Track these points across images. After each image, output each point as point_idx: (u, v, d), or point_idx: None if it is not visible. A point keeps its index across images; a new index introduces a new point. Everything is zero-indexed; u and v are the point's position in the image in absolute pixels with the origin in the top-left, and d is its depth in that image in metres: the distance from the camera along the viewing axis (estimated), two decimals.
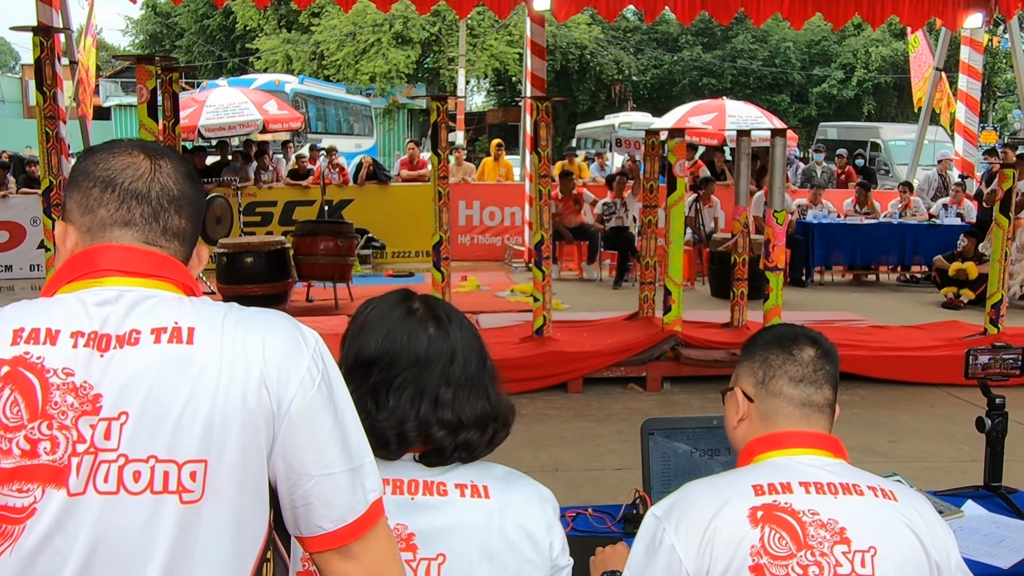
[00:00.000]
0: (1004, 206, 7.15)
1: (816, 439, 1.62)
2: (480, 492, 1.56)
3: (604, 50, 38.96)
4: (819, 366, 1.66)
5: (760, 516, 1.49)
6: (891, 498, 1.55)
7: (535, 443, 5.36)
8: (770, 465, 1.59)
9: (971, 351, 2.46)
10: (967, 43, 12.40)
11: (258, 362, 1.25)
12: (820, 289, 11.49)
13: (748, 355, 1.72)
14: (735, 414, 1.70)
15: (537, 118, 6.62)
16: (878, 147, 23.38)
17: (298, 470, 1.27)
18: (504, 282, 10.85)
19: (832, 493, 1.53)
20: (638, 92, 41.42)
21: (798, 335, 1.71)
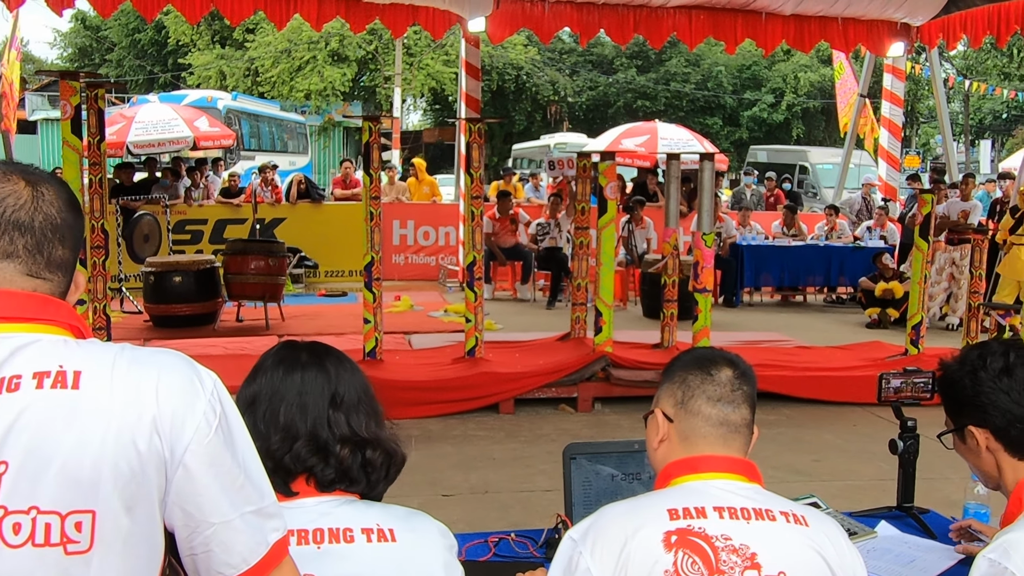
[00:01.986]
0: (924, 230, 7.36)
1: (732, 464, 1.64)
2: (386, 535, 1.57)
3: (540, 71, 39.28)
4: (737, 386, 1.68)
5: (674, 541, 1.51)
6: (802, 523, 1.57)
7: (466, 465, 5.35)
8: (686, 489, 1.61)
9: (884, 375, 2.52)
10: (890, 71, 12.77)
11: (151, 407, 1.21)
12: (750, 310, 11.69)
13: (668, 377, 1.74)
14: (655, 435, 1.71)
15: (470, 139, 6.65)
16: (806, 170, 23.91)
17: (197, 518, 1.24)
18: (438, 302, 10.83)
19: (745, 518, 1.55)
20: (574, 113, 41.84)
21: (716, 357, 1.73)
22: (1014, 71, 42.60)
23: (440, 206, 13.83)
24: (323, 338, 8.08)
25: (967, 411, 1.86)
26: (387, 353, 6.87)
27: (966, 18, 11.15)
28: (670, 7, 11.29)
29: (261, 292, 9.09)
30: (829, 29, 11.81)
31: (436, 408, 6.25)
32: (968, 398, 1.85)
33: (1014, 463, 1.81)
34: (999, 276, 9.68)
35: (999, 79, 40.81)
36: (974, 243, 8.07)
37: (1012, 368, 1.81)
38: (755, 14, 11.52)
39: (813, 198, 21.55)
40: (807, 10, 11.38)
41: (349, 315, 8.94)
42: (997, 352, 1.84)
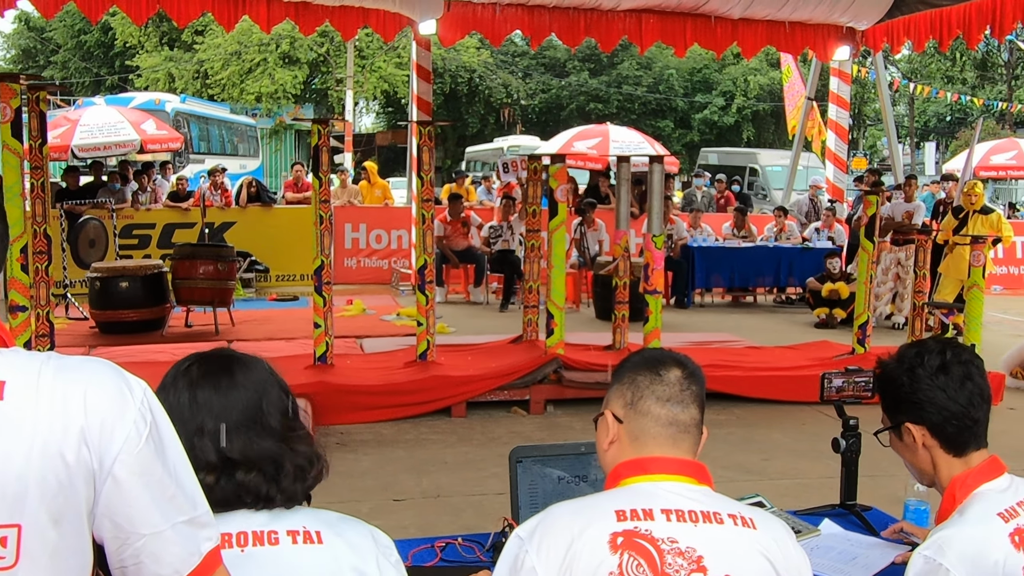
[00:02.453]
0: (869, 231, 7.49)
1: (682, 465, 1.64)
2: (312, 538, 1.54)
3: (493, 74, 39.32)
4: (685, 386, 1.69)
5: (620, 542, 1.51)
6: (750, 526, 1.58)
7: (418, 469, 5.33)
8: (634, 490, 1.61)
9: (826, 375, 2.55)
10: (836, 74, 12.97)
11: (78, 418, 1.18)
12: (701, 311, 11.80)
13: (618, 379, 1.74)
14: (606, 437, 1.71)
15: (420, 142, 6.62)
16: (756, 172, 24.20)
17: (127, 529, 1.21)
18: (390, 305, 10.78)
19: (692, 521, 1.55)
20: (527, 116, 41.93)
21: (665, 357, 1.74)
22: (957, 75, 43.50)
23: (392, 209, 13.78)
24: (273, 343, 8.09)
25: (904, 408, 1.89)
26: (338, 357, 6.83)
27: (909, 23, 11.36)
28: (620, 10, 11.36)
29: (210, 297, 8.98)
30: (776, 33, 11.97)
31: (388, 412, 6.22)
32: (905, 395, 1.88)
33: (949, 460, 1.85)
34: (941, 275, 9.87)
35: (943, 83, 41.67)
36: (918, 243, 8.22)
37: (948, 366, 1.84)
38: (704, 18, 11.63)
39: (763, 200, 21.81)
40: (755, 14, 11.51)
41: (300, 319, 8.86)
42: (934, 350, 1.87)
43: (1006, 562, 1.71)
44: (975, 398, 1.83)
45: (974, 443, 1.85)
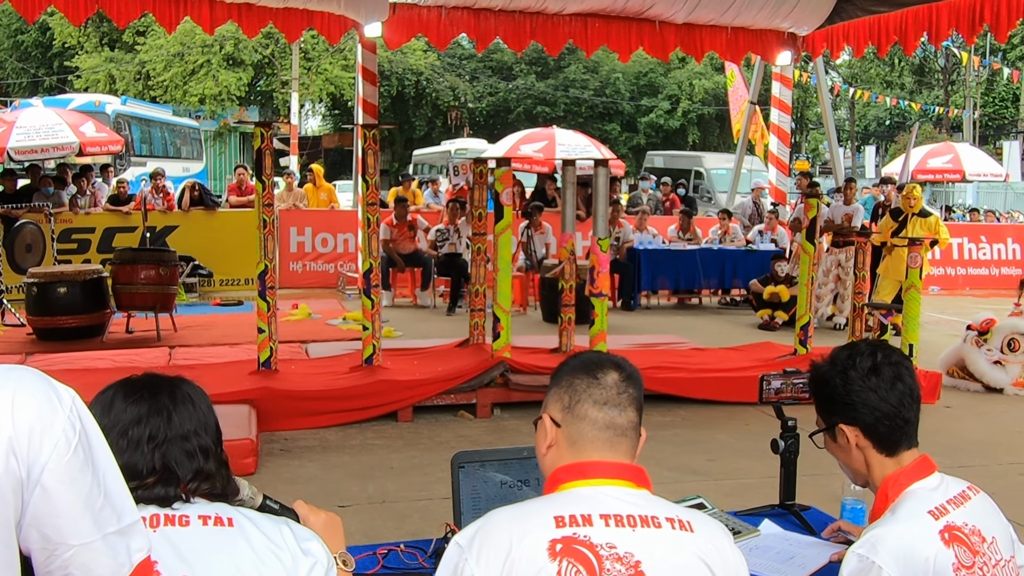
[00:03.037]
0: (809, 233, 7.60)
1: (620, 469, 1.65)
2: (223, 521, 1.61)
3: (440, 77, 39.26)
4: (623, 389, 1.69)
5: (559, 549, 1.51)
6: (688, 529, 1.59)
7: (363, 475, 5.29)
8: (573, 495, 1.61)
9: (764, 377, 2.59)
10: (778, 79, 13.16)
11: (6, 427, 1.16)
12: (647, 313, 11.89)
13: (555, 382, 1.74)
14: (544, 441, 1.70)
15: (365, 145, 6.58)
16: (701, 175, 24.47)
17: (55, 539, 1.19)
18: (336, 310, 10.70)
19: (631, 526, 1.55)
20: (474, 118, 41.93)
21: (602, 360, 1.74)
22: (896, 80, 44.43)
23: (338, 212, 13.68)
24: (217, 348, 7.98)
25: (838, 409, 1.92)
26: (283, 363, 6.76)
27: (849, 29, 11.57)
28: (565, 14, 11.41)
29: (152, 302, 8.83)
30: (719, 38, 12.12)
31: (333, 418, 6.17)
32: (839, 397, 1.91)
33: (882, 459, 1.88)
34: (880, 276, 10.06)
35: (882, 87, 42.54)
36: (857, 246, 8.36)
37: (879, 367, 1.88)
38: (649, 22, 11.73)
39: (708, 202, 22.06)
40: (698, 19, 11.64)
41: (244, 324, 8.74)
42: (865, 352, 1.91)
43: (936, 559, 1.74)
44: (906, 398, 1.87)
45: (905, 442, 1.88)
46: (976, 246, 15.53)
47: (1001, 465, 5.80)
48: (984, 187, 29.73)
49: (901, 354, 1.93)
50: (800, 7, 11.35)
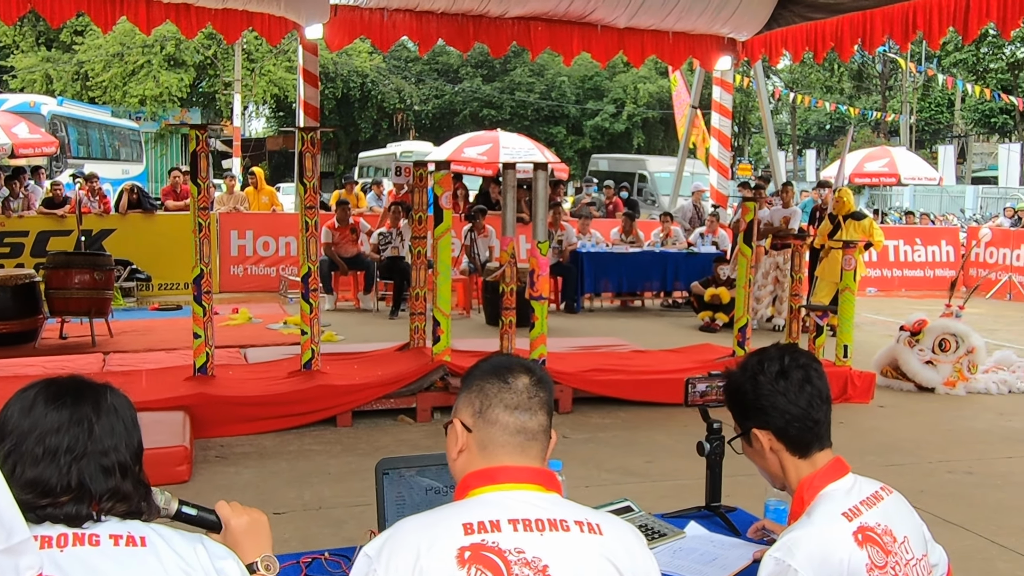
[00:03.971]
0: (747, 236, 7.70)
1: (530, 474, 1.65)
2: (136, 541, 1.58)
3: (386, 79, 39.09)
4: (533, 393, 1.69)
5: (467, 557, 1.51)
6: (596, 532, 1.60)
7: (300, 481, 5.23)
8: (483, 501, 1.61)
9: (689, 380, 2.61)
10: (718, 84, 13.33)
11: None
12: (590, 315, 11.94)
13: (466, 386, 1.73)
14: (455, 446, 1.70)
15: (303, 148, 6.52)
16: (645, 178, 24.67)
17: None
18: (278, 314, 10.58)
19: (539, 530, 1.56)
20: (420, 121, 41.81)
21: (513, 364, 1.74)
22: (835, 85, 45.23)
23: (280, 216, 13.55)
24: (153, 354, 7.85)
25: (750, 415, 1.95)
26: (220, 368, 6.66)
27: (787, 35, 11.77)
28: (508, 18, 11.45)
29: (86, 307, 8.66)
30: (661, 43, 12.25)
31: (271, 424, 6.09)
32: (750, 402, 1.94)
33: (796, 462, 1.91)
34: (817, 278, 10.22)
35: (822, 92, 43.27)
36: (794, 248, 8.50)
37: (787, 371, 1.91)
38: (591, 26, 11.82)
39: (652, 205, 22.25)
40: (640, 24, 11.76)
41: (182, 329, 8.58)
42: (774, 357, 1.93)
43: (850, 560, 1.77)
44: (815, 400, 1.90)
45: (817, 444, 1.91)
46: (911, 248, 15.87)
47: (931, 463, 5.92)
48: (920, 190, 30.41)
49: (809, 357, 1.96)
50: (739, 13, 11.51)
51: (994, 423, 7.04)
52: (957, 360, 8.01)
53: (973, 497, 5.25)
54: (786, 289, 10.15)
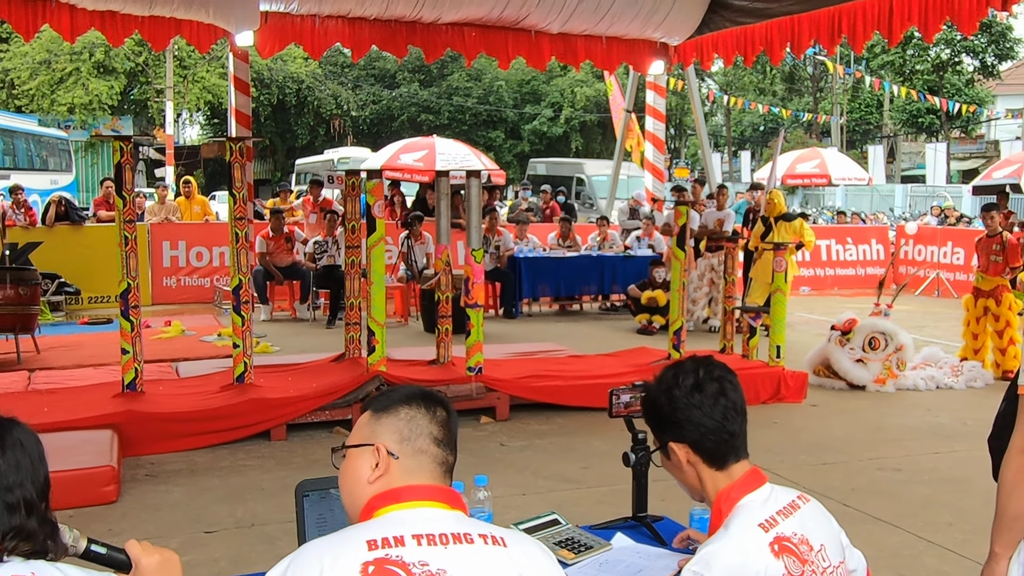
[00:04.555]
0: (680, 240, 7.77)
1: (434, 492, 1.66)
2: None
3: (322, 84, 38.75)
4: (452, 429, 1.74)
5: (371, 571, 1.50)
6: (501, 544, 1.61)
7: (233, 497, 5.14)
8: (387, 519, 1.61)
9: (613, 391, 2.61)
10: (652, 88, 13.45)
11: None
12: (528, 320, 11.96)
13: (388, 409, 1.73)
14: (374, 471, 1.68)
15: (232, 159, 6.42)
16: (583, 182, 24.78)
17: None
18: (212, 325, 10.40)
19: (443, 543, 1.56)
20: (358, 127, 41.56)
21: (434, 397, 1.76)
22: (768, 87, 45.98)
23: (213, 225, 13.32)
24: (81, 371, 7.66)
25: (667, 428, 1.95)
26: (150, 384, 6.53)
27: (717, 39, 11.90)
28: (442, 24, 11.41)
29: (11, 323, 8.42)
30: (594, 47, 12.31)
31: (203, 439, 5.99)
32: (665, 416, 1.94)
33: (713, 474, 1.92)
34: (752, 279, 10.37)
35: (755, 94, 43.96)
36: (727, 251, 8.60)
37: (702, 384, 1.92)
38: (525, 32, 11.84)
39: (590, 209, 22.34)
40: (573, 29, 11.80)
41: (113, 344, 8.32)
42: (689, 370, 1.94)
43: (767, 571, 1.78)
44: (730, 412, 1.91)
45: (733, 455, 1.92)
46: (843, 247, 16.19)
47: (861, 461, 6.03)
48: (851, 190, 31.01)
49: (724, 369, 1.97)
50: (670, 18, 11.62)
51: (922, 419, 7.20)
52: (886, 358, 8.17)
53: (901, 494, 5.36)
54: (721, 291, 10.27)
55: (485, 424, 6.71)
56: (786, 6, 10.48)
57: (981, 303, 8.90)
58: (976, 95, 40.33)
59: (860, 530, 4.76)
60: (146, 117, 36.00)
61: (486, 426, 6.68)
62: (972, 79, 40.99)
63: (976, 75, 40.91)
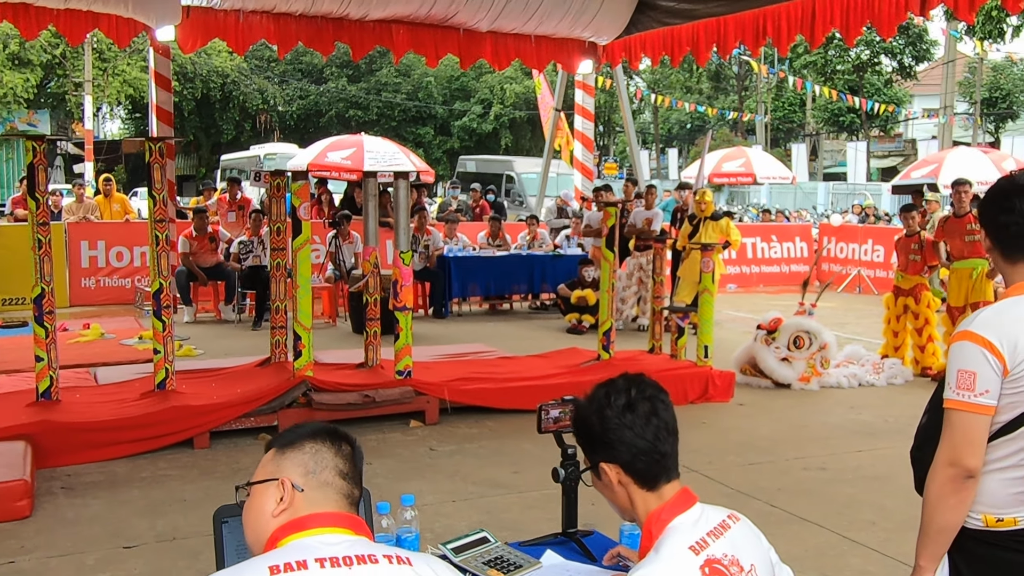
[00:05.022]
0: (609, 241, 7.79)
1: (339, 518, 1.67)
2: None
3: (248, 79, 38.09)
4: (357, 462, 1.76)
5: None
6: (406, 563, 1.63)
7: (153, 510, 4.99)
8: (291, 546, 1.61)
9: (542, 407, 2.57)
10: (580, 87, 13.48)
11: None
12: (459, 320, 11.90)
13: (293, 445, 1.74)
14: (278, 504, 1.68)
15: (151, 160, 6.23)
16: (512, 179, 24.80)
17: None
18: (132, 328, 10.12)
19: (347, 565, 1.57)
20: (284, 122, 40.97)
21: (339, 432, 1.78)
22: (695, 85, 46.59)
23: (134, 225, 12.96)
24: None
25: (598, 448, 1.92)
26: (66, 391, 6.31)
27: (645, 39, 11.98)
28: (369, 20, 11.27)
29: None
30: (524, 46, 12.29)
31: (123, 449, 5.80)
32: (597, 436, 1.91)
33: (644, 495, 1.89)
34: (680, 278, 10.46)
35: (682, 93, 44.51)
36: (655, 251, 8.65)
37: (634, 404, 1.89)
38: (454, 30, 11.76)
39: (520, 206, 22.37)
40: (502, 27, 11.76)
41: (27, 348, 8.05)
42: (621, 389, 1.92)
43: None
44: (661, 432, 1.89)
45: (664, 476, 1.90)
46: (768, 245, 16.45)
47: (787, 460, 6.11)
48: (776, 188, 31.58)
49: (656, 387, 1.95)
50: (599, 18, 11.66)
51: (845, 417, 7.34)
52: (811, 356, 8.31)
53: (826, 493, 5.44)
54: (650, 290, 10.34)
55: (415, 428, 6.64)
56: (711, 8, 10.59)
57: (901, 301, 9.11)
58: (894, 95, 41.42)
59: (787, 531, 4.82)
60: (64, 111, 34.98)
61: (416, 430, 6.61)
62: (890, 80, 42.07)
63: (894, 76, 41.99)
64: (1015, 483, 2.20)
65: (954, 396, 2.17)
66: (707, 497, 1.97)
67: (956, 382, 2.16)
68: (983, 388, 2.13)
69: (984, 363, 2.13)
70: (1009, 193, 2.27)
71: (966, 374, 2.15)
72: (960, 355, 2.17)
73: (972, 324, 2.19)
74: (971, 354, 2.14)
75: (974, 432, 2.15)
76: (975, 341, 2.14)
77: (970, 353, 2.15)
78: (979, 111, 36.33)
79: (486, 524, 4.90)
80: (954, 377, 2.17)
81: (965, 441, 2.16)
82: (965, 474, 2.16)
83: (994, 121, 41.45)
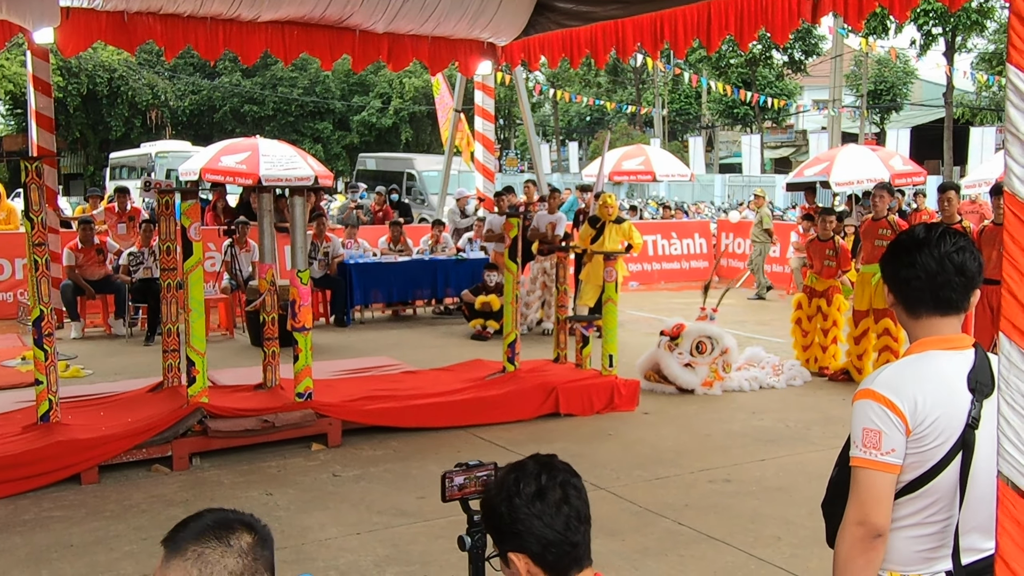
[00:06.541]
0: (512, 252, 7.71)
1: None
2: None
3: (136, 73, 36.83)
4: (258, 555, 1.57)
5: None
6: None
7: (36, 558, 4.70)
8: None
9: (446, 475, 2.46)
10: (480, 88, 13.36)
11: None
12: (361, 328, 11.68)
13: (177, 551, 1.56)
14: None
15: (28, 180, 5.88)
16: (414, 177, 24.55)
17: None
18: (15, 347, 9.63)
19: None
20: (176, 118, 39.78)
21: (232, 521, 1.60)
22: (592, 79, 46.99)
23: (16, 235, 12.29)
24: None
25: (506, 538, 1.83)
26: None
27: (544, 40, 11.93)
28: (261, 22, 10.92)
29: None
30: (421, 47, 12.10)
31: (3, 489, 5.46)
32: (506, 526, 1.82)
33: None
34: (582, 282, 10.47)
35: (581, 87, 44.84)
36: (558, 260, 8.61)
37: (545, 491, 1.80)
38: (349, 31, 11.50)
39: (422, 205, 22.18)
40: (399, 28, 11.55)
41: None
42: (531, 474, 1.83)
43: None
44: (572, 522, 1.81)
45: (576, 566, 1.82)
46: (668, 242, 16.66)
47: (693, 473, 6.13)
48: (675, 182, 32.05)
49: (568, 471, 1.86)
50: (497, 19, 11.55)
51: (747, 423, 7.42)
52: (713, 361, 8.40)
53: (731, 507, 5.47)
54: (554, 295, 10.32)
55: (317, 452, 6.45)
56: (609, 11, 10.59)
57: (815, 303, 9.29)
58: (785, 88, 42.53)
59: (695, 551, 4.83)
60: None
61: (318, 454, 6.42)
62: (782, 73, 43.17)
63: (785, 69, 43.10)
64: (920, 540, 2.20)
65: (861, 454, 2.14)
66: (617, 517, 1.91)
67: (862, 440, 2.14)
68: (889, 447, 2.11)
69: (888, 422, 2.11)
70: (910, 248, 2.26)
71: (871, 433, 2.13)
72: (864, 413, 2.15)
73: (874, 383, 2.17)
74: (875, 413, 2.13)
75: (880, 490, 2.14)
76: (878, 401, 2.13)
77: (874, 412, 2.13)
78: (865, 103, 37.55)
79: (392, 559, 4.79)
80: (859, 435, 2.15)
81: (872, 499, 2.14)
82: (874, 533, 2.14)
83: (879, 113, 42.92)
